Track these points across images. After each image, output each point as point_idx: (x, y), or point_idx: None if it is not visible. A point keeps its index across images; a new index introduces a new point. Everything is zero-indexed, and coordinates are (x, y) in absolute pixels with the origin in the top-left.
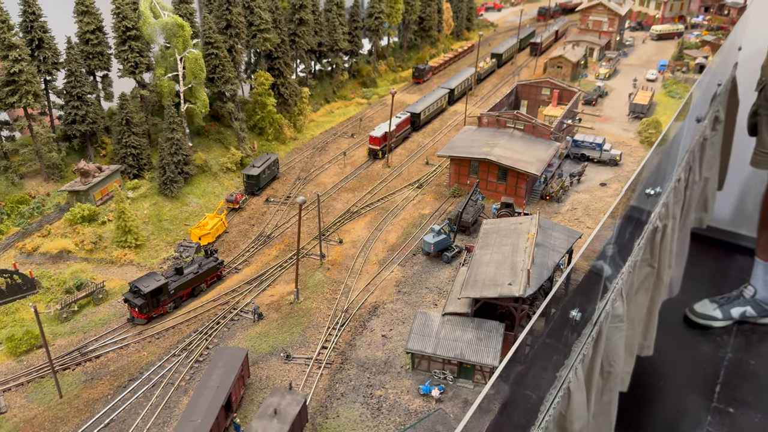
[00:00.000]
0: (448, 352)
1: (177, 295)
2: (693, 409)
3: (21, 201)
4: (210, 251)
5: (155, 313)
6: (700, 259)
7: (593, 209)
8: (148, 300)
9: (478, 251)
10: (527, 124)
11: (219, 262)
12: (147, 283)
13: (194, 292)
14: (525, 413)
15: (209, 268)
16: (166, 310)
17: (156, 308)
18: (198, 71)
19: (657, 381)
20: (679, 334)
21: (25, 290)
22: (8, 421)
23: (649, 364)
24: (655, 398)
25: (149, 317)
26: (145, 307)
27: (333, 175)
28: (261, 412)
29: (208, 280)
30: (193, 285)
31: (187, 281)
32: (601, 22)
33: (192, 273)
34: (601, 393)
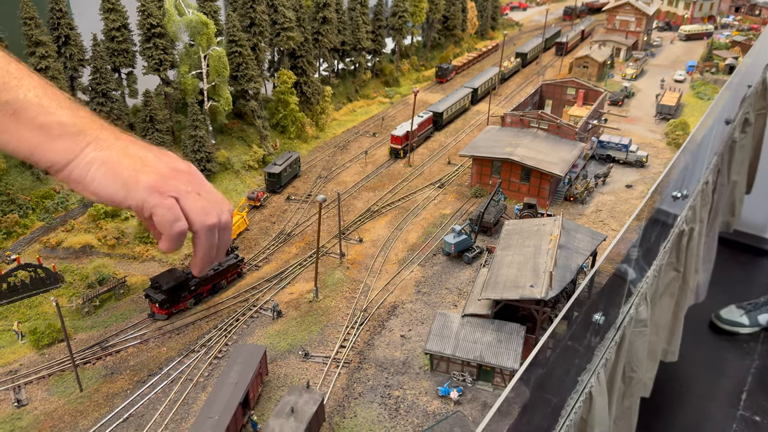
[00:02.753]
0: (468, 354)
1: (197, 291)
2: (717, 416)
3: (46, 196)
4: (231, 248)
5: (176, 309)
6: (727, 264)
7: (618, 211)
8: (168, 296)
9: (500, 252)
10: (551, 123)
11: (239, 259)
12: (168, 278)
13: (214, 289)
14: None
15: (229, 265)
16: (187, 306)
17: (176, 304)
18: (222, 69)
19: (680, 387)
20: (704, 341)
21: (49, 284)
22: (29, 413)
23: (673, 370)
24: (677, 405)
25: (170, 313)
26: (165, 303)
27: (354, 173)
28: (278, 411)
29: (228, 277)
30: (214, 281)
31: (207, 277)
32: (628, 22)
33: (212, 270)
34: (623, 398)
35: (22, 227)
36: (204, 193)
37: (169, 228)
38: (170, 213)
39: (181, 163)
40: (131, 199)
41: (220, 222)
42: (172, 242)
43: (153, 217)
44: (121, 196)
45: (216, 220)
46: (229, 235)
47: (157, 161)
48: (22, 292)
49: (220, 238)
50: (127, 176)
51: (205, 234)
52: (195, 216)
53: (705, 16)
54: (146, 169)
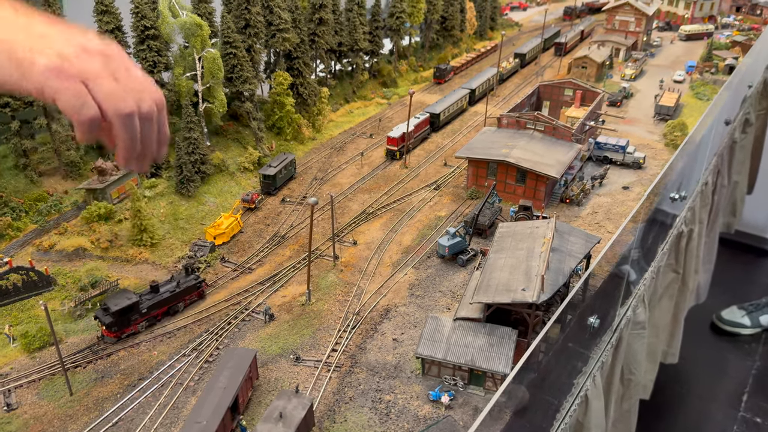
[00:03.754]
0: (459, 358)
1: (150, 314)
2: (718, 418)
3: (39, 198)
4: (191, 269)
5: (125, 332)
6: (729, 265)
7: (615, 213)
8: (117, 318)
9: (493, 255)
10: (548, 125)
11: (200, 280)
12: (117, 301)
13: (170, 311)
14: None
15: (188, 286)
16: (138, 329)
17: (126, 327)
18: (216, 71)
19: (681, 389)
20: (705, 342)
21: (41, 287)
22: (18, 417)
23: (674, 372)
24: (678, 406)
25: (118, 336)
26: (113, 326)
27: (350, 175)
28: (267, 415)
29: (186, 299)
30: (170, 304)
31: (162, 300)
32: (627, 22)
33: (168, 291)
34: (621, 400)
35: (14, 230)
36: (123, 78)
37: (77, 115)
38: (75, 99)
39: (95, 42)
40: (27, 82)
41: (140, 111)
42: (82, 131)
43: (57, 104)
44: (14, 79)
45: (132, 107)
46: (156, 128)
47: (62, 40)
48: (14, 296)
49: (144, 130)
50: (23, 57)
51: (120, 123)
52: (105, 103)
53: (705, 15)
54: (47, 49)
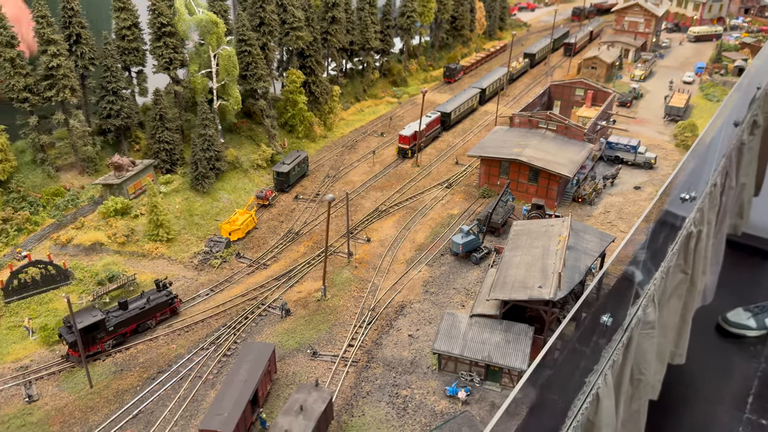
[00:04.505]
0: (476, 354)
1: (118, 332)
2: (724, 419)
3: (56, 193)
4: (163, 284)
5: (90, 351)
6: (735, 266)
7: (627, 213)
8: (81, 337)
9: (508, 253)
10: (560, 124)
11: (171, 296)
12: (82, 318)
13: (139, 329)
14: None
15: (158, 303)
16: (104, 347)
17: (91, 345)
18: (231, 68)
19: (686, 390)
20: (711, 343)
21: (59, 281)
22: (40, 408)
23: (679, 373)
24: (684, 407)
25: (81, 355)
26: (77, 344)
27: (362, 173)
28: (287, 408)
29: (157, 316)
30: (139, 321)
31: (130, 317)
32: (637, 23)
33: (138, 308)
34: (630, 400)
35: (32, 224)
36: None
37: None
38: None
39: None
40: None
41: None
42: None
43: None
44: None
45: None
46: None
47: None
48: (32, 289)
49: None
50: None
51: None
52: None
53: (714, 17)
54: None
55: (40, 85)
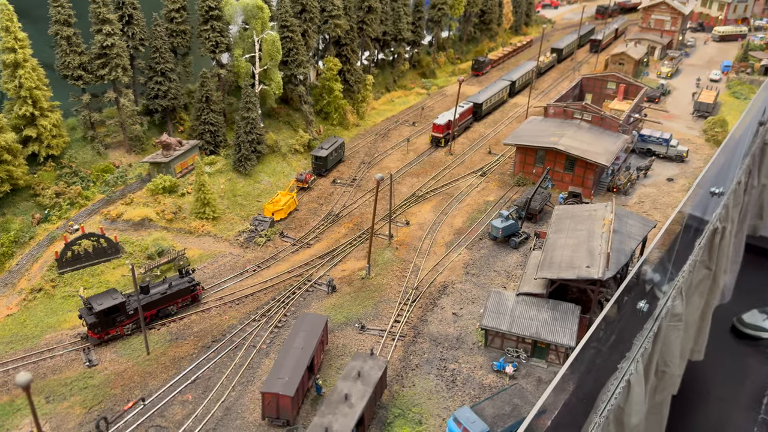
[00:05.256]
0: (524, 331)
1: (137, 316)
2: (738, 420)
3: (106, 170)
4: (186, 270)
5: (110, 333)
6: (751, 268)
7: (661, 203)
8: (101, 319)
9: (552, 235)
10: (595, 115)
11: (194, 283)
12: (102, 300)
13: (160, 314)
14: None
15: (180, 289)
16: (124, 331)
17: (111, 328)
18: (275, 53)
19: (701, 389)
20: (726, 344)
21: (110, 254)
22: (100, 373)
23: (694, 372)
24: (698, 406)
25: (102, 337)
26: (96, 326)
27: (396, 160)
28: (345, 374)
29: (179, 302)
30: (160, 306)
31: (152, 302)
32: (663, 21)
33: (159, 293)
34: (655, 392)
35: (84, 199)
36: None
37: None
38: None
39: None
40: None
41: None
42: None
43: None
44: None
45: None
46: None
47: None
48: (84, 261)
49: None
50: None
51: None
52: None
53: (739, 18)
54: None
55: (93, 64)
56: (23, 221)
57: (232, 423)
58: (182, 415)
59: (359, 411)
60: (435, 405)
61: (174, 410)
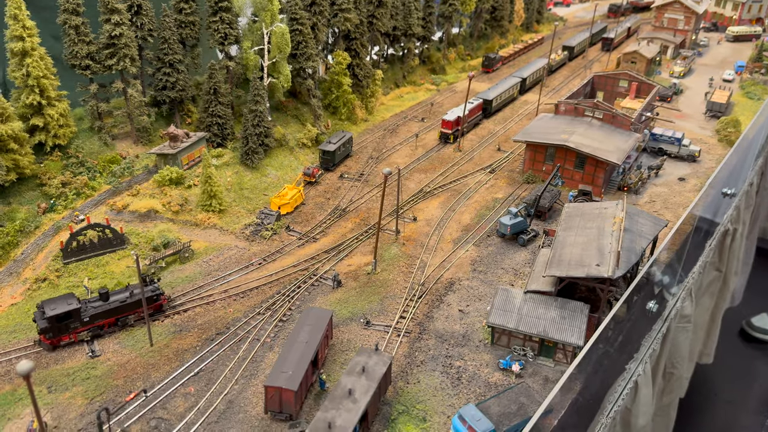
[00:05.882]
0: (531, 329)
1: (95, 323)
2: (745, 423)
3: (112, 161)
4: (150, 279)
5: (63, 340)
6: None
7: (672, 203)
8: (52, 324)
9: (562, 233)
10: (607, 113)
11: (158, 292)
12: (56, 305)
13: (119, 323)
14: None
15: (141, 298)
16: (79, 338)
17: (64, 335)
18: (284, 45)
19: (708, 392)
20: (734, 347)
21: (115, 245)
22: (102, 364)
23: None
24: (706, 409)
25: (54, 344)
26: (48, 332)
27: (404, 156)
28: (350, 369)
29: (140, 312)
30: (119, 315)
31: (109, 309)
32: (676, 20)
33: (119, 301)
34: (662, 394)
35: (90, 189)
36: None
37: None
38: None
39: None
40: None
41: None
42: None
43: None
44: None
45: None
46: None
47: None
48: (89, 251)
49: None
50: None
51: None
52: None
53: (753, 18)
54: None
55: (101, 54)
56: (29, 210)
57: (235, 416)
58: (184, 407)
59: (363, 406)
60: (440, 402)
61: (176, 402)
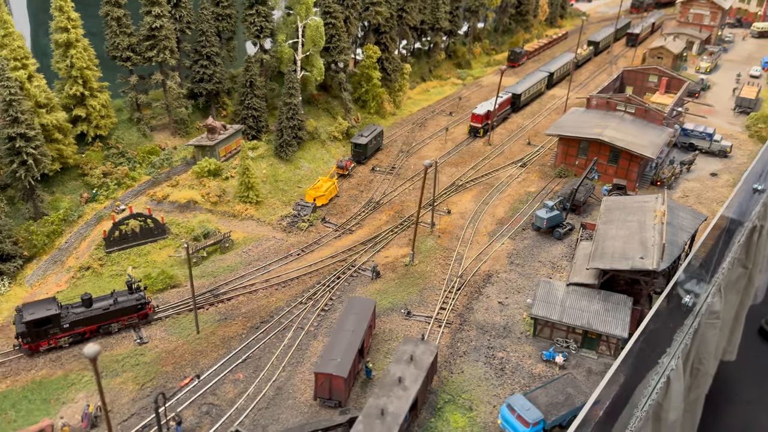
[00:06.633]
0: (575, 321)
1: (74, 330)
2: (765, 423)
3: (151, 152)
4: (136, 286)
5: (42, 346)
6: None
7: (706, 198)
8: (30, 329)
9: (602, 226)
10: (639, 108)
11: (143, 301)
12: (34, 310)
13: (101, 330)
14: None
15: (126, 306)
16: (59, 344)
17: (43, 340)
18: (318, 39)
19: (728, 390)
20: (753, 346)
21: (156, 234)
22: (151, 350)
23: (722, 372)
24: (725, 407)
25: (32, 349)
26: (26, 336)
27: (434, 150)
28: (397, 358)
29: (124, 320)
30: (101, 323)
31: (91, 317)
32: (702, 16)
33: (101, 309)
34: (689, 390)
35: (130, 179)
36: None
37: None
38: None
39: None
40: None
41: None
42: None
43: None
44: None
45: None
46: None
47: None
48: (131, 241)
49: None
50: None
51: None
52: None
53: None
54: None
55: (142, 45)
56: (71, 200)
57: (284, 402)
58: (234, 393)
59: (413, 394)
60: (484, 392)
61: (226, 389)
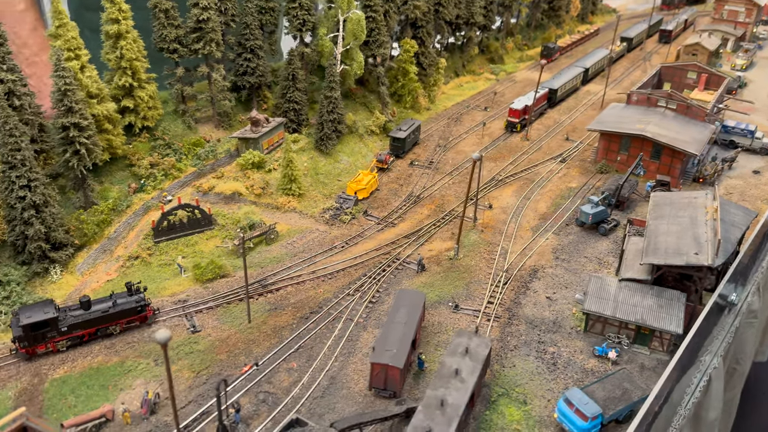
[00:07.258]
0: (628, 316)
1: (73, 333)
2: None
3: (196, 143)
4: (136, 288)
5: (39, 350)
6: None
7: (749, 195)
8: (27, 333)
9: (653, 222)
10: (680, 104)
11: (143, 303)
12: (31, 313)
13: (99, 333)
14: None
15: (126, 309)
16: (57, 348)
17: (39, 344)
18: (359, 32)
19: (757, 391)
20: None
21: (203, 225)
22: (204, 339)
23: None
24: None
25: (29, 352)
26: (23, 340)
27: (471, 144)
28: (452, 350)
29: (122, 323)
30: (100, 325)
31: (90, 319)
32: (737, 12)
33: (100, 311)
34: (725, 389)
35: (177, 171)
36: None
37: None
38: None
39: None
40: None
41: None
42: None
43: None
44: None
45: None
46: None
47: None
48: (179, 231)
49: None
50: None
51: None
52: None
53: None
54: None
55: (188, 38)
56: (120, 190)
57: (338, 392)
58: (289, 382)
59: (471, 386)
60: (538, 386)
61: (281, 377)
